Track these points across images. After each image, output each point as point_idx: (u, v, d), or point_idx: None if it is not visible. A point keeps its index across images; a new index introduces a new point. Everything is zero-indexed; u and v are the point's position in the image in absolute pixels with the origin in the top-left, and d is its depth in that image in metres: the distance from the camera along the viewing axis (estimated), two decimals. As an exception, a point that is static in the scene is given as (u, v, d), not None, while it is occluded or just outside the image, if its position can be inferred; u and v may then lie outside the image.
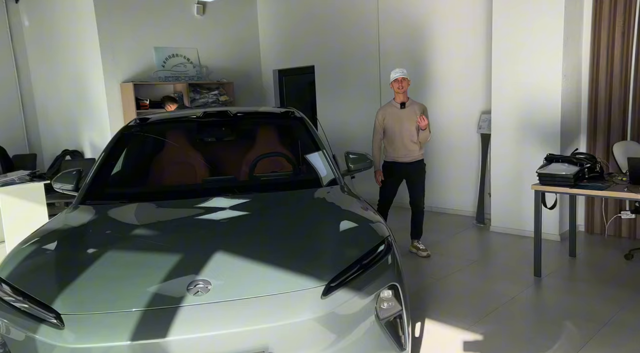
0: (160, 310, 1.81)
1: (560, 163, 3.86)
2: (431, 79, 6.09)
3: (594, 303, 3.43)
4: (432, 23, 5.99)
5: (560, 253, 4.49)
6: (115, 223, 2.54)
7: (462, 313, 3.32)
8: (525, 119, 4.95)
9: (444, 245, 4.89)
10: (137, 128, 3.44)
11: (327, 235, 2.30)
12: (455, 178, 6.07)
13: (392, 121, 4.39)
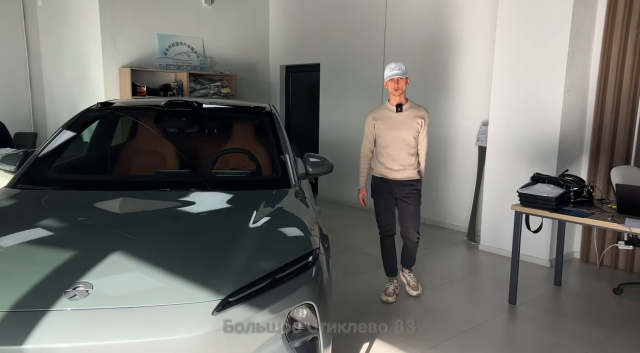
0: (26, 313, 1.66)
1: (546, 184, 3.57)
2: (433, 84, 5.81)
3: (562, 340, 3.13)
4: (439, 27, 5.71)
5: (545, 281, 4.17)
6: (27, 210, 2.40)
7: (419, 337, 3.08)
8: (522, 134, 4.63)
9: (425, 261, 4.62)
10: (97, 112, 3.32)
11: (244, 244, 2.10)
12: (450, 192, 5.79)
13: (385, 127, 3.50)
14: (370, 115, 3.62)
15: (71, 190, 2.66)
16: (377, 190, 3.62)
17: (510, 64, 4.65)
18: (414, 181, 3.58)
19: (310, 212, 2.61)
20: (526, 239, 4.33)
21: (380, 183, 3.60)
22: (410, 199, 3.56)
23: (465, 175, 5.60)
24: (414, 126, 3.50)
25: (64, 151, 3.08)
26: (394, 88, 3.45)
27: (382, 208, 3.62)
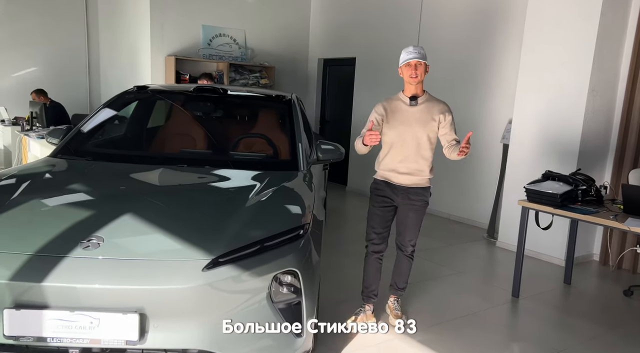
0: (46, 257, 1.97)
1: (555, 181, 3.60)
2: (462, 79, 5.85)
3: (555, 332, 3.20)
4: (470, 23, 5.74)
5: (555, 279, 4.19)
6: (60, 176, 2.75)
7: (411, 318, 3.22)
8: (545, 133, 4.63)
9: (438, 253, 4.73)
10: (132, 95, 3.66)
11: (241, 215, 2.34)
12: (473, 188, 5.83)
13: (395, 121, 2.90)
14: (379, 105, 3.00)
15: (101, 161, 3.00)
16: (376, 196, 3.02)
17: (536, 63, 4.65)
18: (421, 189, 2.97)
19: (312, 194, 2.81)
20: (543, 238, 4.39)
21: (381, 187, 3.00)
22: (414, 210, 2.97)
23: (489, 172, 5.62)
24: (430, 124, 2.89)
25: (101, 128, 3.45)
26: (410, 75, 2.86)
27: (376, 219, 3.00)
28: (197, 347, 2.03)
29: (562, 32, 4.44)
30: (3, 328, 1.90)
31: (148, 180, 2.83)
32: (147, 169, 2.93)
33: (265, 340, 2.14)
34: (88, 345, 1.95)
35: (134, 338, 1.94)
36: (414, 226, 3.02)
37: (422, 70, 2.90)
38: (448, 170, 6.10)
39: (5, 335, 1.91)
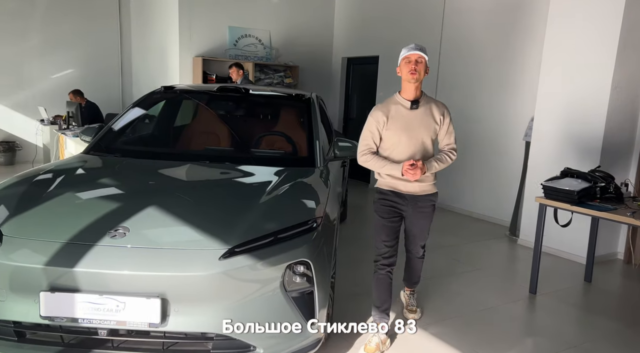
0: (78, 245, 2.14)
1: (573, 178, 3.60)
2: (486, 77, 5.85)
3: (570, 327, 3.23)
4: (493, 21, 5.73)
5: (575, 277, 4.17)
6: (91, 170, 2.95)
7: (429, 314, 3.29)
8: (567, 130, 4.60)
9: (458, 250, 4.76)
10: (159, 95, 3.85)
11: (256, 208, 2.47)
12: (496, 186, 5.82)
13: (398, 127, 2.72)
14: (378, 111, 2.76)
15: (129, 158, 3.19)
16: (383, 207, 2.84)
17: (558, 59, 4.63)
18: (430, 196, 2.86)
19: (327, 190, 2.91)
20: (566, 236, 4.38)
21: (389, 198, 2.83)
22: (423, 216, 2.88)
23: (512, 169, 5.60)
24: (432, 125, 2.77)
25: (130, 126, 3.65)
26: (409, 71, 2.67)
27: (387, 231, 2.82)
28: (215, 331, 2.17)
29: (585, 29, 4.40)
30: (40, 309, 2.08)
31: (172, 175, 2.99)
32: (172, 165, 3.09)
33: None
34: (115, 326, 2.12)
35: (156, 321, 2.09)
36: (425, 230, 2.95)
37: (423, 68, 2.71)
38: (471, 167, 6.12)
39: (42, 316, 2.09)
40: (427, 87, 6.46)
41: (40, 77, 8.25)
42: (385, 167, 2.72)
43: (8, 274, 2.13)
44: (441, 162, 2.79)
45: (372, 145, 2.78)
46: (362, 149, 2.79)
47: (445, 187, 6.38)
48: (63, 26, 8.29)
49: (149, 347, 2.20)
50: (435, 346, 2.86)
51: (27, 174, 2.75)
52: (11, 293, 2.13)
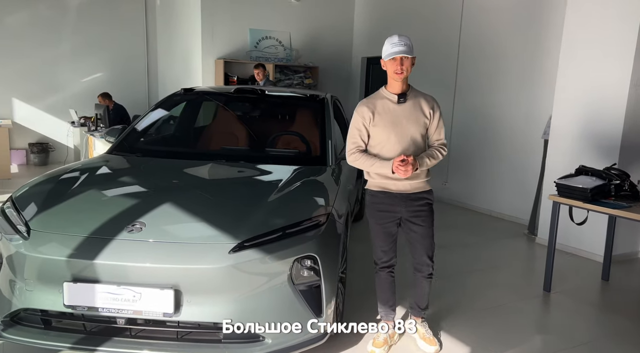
0: (98, 239, 2.29)
1: (588, 176, 3.58)
2: (504, 75, 5.82)
3: (581, 325, 3.22)
4: (512, 19, 5.70)
5: (592, 275, 4.13)
6: (113, 169, 3.11)
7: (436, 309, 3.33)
8: (585, 128, 4.56)
9: (475, 248, 4.77)
10: (179, 97, 4.00)
11: (267, 205, 2.58)
12: (515, 184, 5.79)
13: (385, 123, 2.56)
14: (363, 106, 2.61)
15: (149, 157, 3.34)
16: (376, 212, 2.67)
17: (576, 57, 4.59)
18: (424, 193, 2.66)
19: (336, 187, 3.00)
20: (585, 235, 4.35)
21: (380, 200, 2.65)
22: (421, 218, 2.64)
23: (531, 168, 5.56)
24: (421, 120, 2.60)
25: (151, 127, 3.81)
26: (395, 71, 2.52)
27: (382, 237, 2.69)
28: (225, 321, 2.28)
29: (604, 26, 4.35)
30: (63, 299, 2.24)
31: (189, 173, 3.13)
32: (188, 164, 3.23)
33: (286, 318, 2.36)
34: (132, 315, 2.25)
35: (170, 311, 2.22)
36: (427, 238, 2.67)
37: (409, 64, 2.55)
38: (490, 165, 6.10)
39: (65, 305, 2.24)
40: (446, 86, 6.64)
41: (71, 80, 8.59)
42: (375, 165, 2.55)
43: (35, 266, 2.29)
44: (433, 158, 2.61)
45: (360, 143, 2.60)
46: (350, 147, 2.62)
47: (465, 185, 6.40)
48: (93, 32, 8.61)
49: (165, 335, 2.33)
50: (445, 340, 2.90)
51: (53, 173, 2.93)
52: (38, 283, 2.29)
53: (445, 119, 2.77)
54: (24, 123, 8.33)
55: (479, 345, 2.87)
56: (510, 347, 2.87)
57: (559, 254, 4.60)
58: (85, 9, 8.51)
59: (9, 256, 2.35)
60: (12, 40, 8.03)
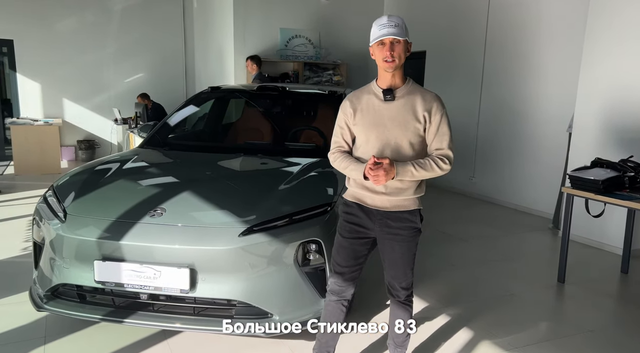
0: (124, 222, 2.56)
1: (602, 168, 3.59)
2: (529, 68, 5.80)
3: (591, 313, 3.25)
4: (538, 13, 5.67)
5: (612, 268, 4.12)
6: (142, 161, 3.39)
7: (449, 297, 3.45)
8: (608, 121, 4.52)
9: (494, 241, 4.82)
10: (206, 95, 4.27)
11: (277, 193, 2.79)
12: (540, 178, 5.76)
13: (366, 123, 2.13)
14: (346, 101, 2.21)
15: (176, 151, 3.62)
16: (345, 223, 2.24)
17: (599, 50, 4.54)
18: (407, 214, 2.16)
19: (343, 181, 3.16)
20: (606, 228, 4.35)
21: (352, 211, 2.21)
22: (397, 244, 2.17)
23: (556, 161, 5.52)
24: (410, 124, 2.08)
25: (179, 123, 4.10)
26: (384, 58, 2.05)
27: (342, 253, 2.23)
28: (237, 298, 2.50)
29: (627, 21, 4.29)
30: (94, 275, 2.52)
31: (209, 165, 3.38)
32: (210, 157, 3.49)
33: (292, 297, 2.56)
34: (153, 291, 2.51)
35: (186, 287, 2.46)
36: (403, 264, 2.21)
37: (401, 50, 2.05)
38: (516, 159, 6.09)
39: (96, 281, 2.53)
40: (473, 79, 6.70)
41: (115, 81, 9.12)
42: (349, 167, 2.13)
43: (71, 246, 2.59)
44: (422, 168, 2.05)
45: (342, 144, 2.22)
46: (332, 147, 2.26)
47: (491, 179, 6.41)
48: (134, 35, 9.10)
49: (183, 311, 2.58)
50: (451, 325, 3.02)
51: (89, 165, 3.25)
52: (74, 261, 2.59)
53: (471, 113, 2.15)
54: (73, 121, 8.92)
55: (484, 330, 2.98)
56: (514, 332, 2.95)
57: (581, 247, 4.61)
58: (127, 14, 9.01)
59: (50, 238, 2.66)
60: (62, 45, 8.62)
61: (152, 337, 2.77)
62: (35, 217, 2.83)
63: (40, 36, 8.46)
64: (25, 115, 8.46)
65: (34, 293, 2.76)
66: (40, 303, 2.66)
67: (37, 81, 8.61)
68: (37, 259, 2.81)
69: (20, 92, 8.54)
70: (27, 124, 7.48)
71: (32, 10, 8.35)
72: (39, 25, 8.43)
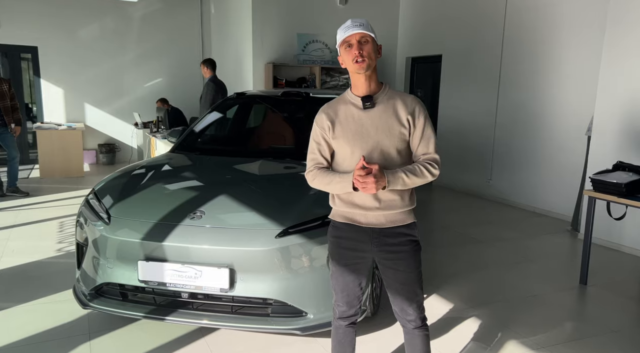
0: (166, 224, 2.68)
1: (625, 171, 3.65)
2: (548, 74, 5.86)
3: (615, 315, 3.31)
4: (555, 17, 5.73)
5: (633, 270, 4.17)
6: (178, 165, 3.53)
7: (473, 298, 3.53)
8: (627, 124, 4.57)
9: (515, 243, 4.88)
10: (232, 100, 4.40)
11: (308, 197, 2.88)
12: (559, 181, 5.81)
13: (348, 134, 1.96)
14: (321, 114, 2.05)
15: (207, 155, 3.75)
16: (338, 249, 2.06)
17: (619, 53, 4.60)
18: (403, 228, 2.00)
19: None
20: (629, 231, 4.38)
21: (343, 233, 2.04)
22: (401, 262, 2.00)
23: (575, 164, 5.58)
24: (395, 129, 1.95)
25: (208, 128, 4.23)
26: (354, 59, 1.89)
27: (340, 279, 2.09)
28: (273, 297, 2.61)
29: (645, 21, 4.36)
30: (138, 275, 2.64)
31: (241, 169, 3.50)
32: (241, 161, 3.61)
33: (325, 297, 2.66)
34: (194, 290, 2.62)
35: (226, 286, 2.57)
36: (410, 283, 2.01)
37: (371, 49, 1.92)
38: (535, 162, 6.15)
39: (139, 280, 2.65)
40: (489, 84, 6.76)
41: (134, 86, 9.31)
42: (333, 181, 1.94)
43: (115, 247, 2.71)
44: (413, 174, 1.91)
45: (320, 160, 2.04)
46: (309, 165, 2.08)
47: (509, 181, 6.46)
48: (153, 41, 9.30)
49: (221, 309, 2.69)
50: (474, 326, 3.10)
51: (126, 169, 3.38)
52: (117, 262, 2.71)
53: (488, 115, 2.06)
54: (94, 125, 9.12)
55: (511, 330, 3.05)
56: (540, 332, 3.03)
57: (602, 250, 4.66)
58: (146, 20, 9.20)
59: (94, 239, 2.79)
60: (84, 51, 8.83)
61: (190, 334, 2.89)
62: (79, 219, 2.97)
63: (63, 43, 8.68)
64: (49, 120, 8.68)
65: (78, 292, 2.89)
66: (86, 301, 2.79)
67: (60, 86, 8.82)
68: (79, 259, 2.95)
69: (43, 97, 8.76)
70: (51, 128, 7.68)
71: (55, 18, 8.57)
72: (61, 32, 8.65)
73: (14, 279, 3.65)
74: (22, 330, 2.88)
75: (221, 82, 6.48)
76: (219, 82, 6.42)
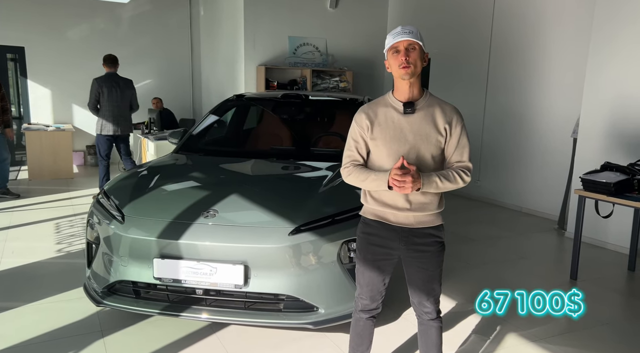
0: (180, 223, 2.74)
1: (612, 171, 3.84)
2: (534, 77, 6.08)
3: (603, 307, 3.48)
4: (542, 20, 5.95)
5: (619, 266, 4.37)
6: (184, 165, 3.59)
7: (471, 294, 3.65)
8: (613, 126, 4.79)
9: (504, 241, 5.05)
10: (232, 102, 4.47)
11: (318, 196, 2.99)
12: (545, 181, 6.02)
13: (387, 137, 2.05)
14: (362, 114, 2.14)
15: (211, 156, 3.82)
16: (367, 245, 2.17)
17: (604, 56, 4.81)
18: (431, 229, 2.11)
19: None
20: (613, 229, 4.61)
21: (374, 231, 2.15)
22: (425, 261, 2.12)
23: (560, 165, 5.79)
24: (432, 137, 2.04)
25: (209, 130, 4.29)
26: (400, 65, 1.98)
27: (366, 273, 2.19)
28: (286, 293, 2.70)
29: (631, 27, 4.56)
30: (153, 272, 2.70)
31: (248, 169, 3.59)
32: (247, 162, 3.69)
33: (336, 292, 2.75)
34: (209, 287, 2.69)
35: (241, 283, 2.65)
36: (431, 280, 2.15)
37: (417, 56, 2.00)
38: (521, 163, 6.35)
39: (155, 277, 2.71)
40: (477, 85, 6.95)
41: (123, 87, 9.24)
42: (369, 178, 2.03)
43: (129, 245, 2.76)
44: (446, 179, 2.02)
45: (357, 157, 2.13)
46: (345, 161, 2.16)
47: (496, 182, 6.66)
48: (142, 42, 9.27)
49: (234, 305, 2.76)
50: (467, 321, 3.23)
51: (134, 170, 3.43)
52: (131, 260, 2.76)
53: (476, 117, 2.39)
54: (82, 127, 9.04)
55: (509, 323, 3.19)
56: (537, 325, 3.17)
57: (588, 247, 4.86)
58: (135, 21, 9.18)
59: (106, 237, 2.84)
60: (72, 51, 8.77)
61: (202, 330, 2.95)
62: (90, 219, 3.00)
63: (50, 43, 8.60)
64: (36, 121, 8.58)
65: (90, 290, 2.93)
66: (99, 299, 2.83)
67: (47, 87, 8.74)
68: (90, 258, 2.98)
69: (30, 98, 8.66)
70: (40, 129, 7.60)
71: (43, 18, 8.49)
72: (49, 32, 8.57)
73: (18, 279, 3.65)
74: (36, 328, 2.91)
75: (120, 80, 6.21)
76: (117, 79, 6.14)
